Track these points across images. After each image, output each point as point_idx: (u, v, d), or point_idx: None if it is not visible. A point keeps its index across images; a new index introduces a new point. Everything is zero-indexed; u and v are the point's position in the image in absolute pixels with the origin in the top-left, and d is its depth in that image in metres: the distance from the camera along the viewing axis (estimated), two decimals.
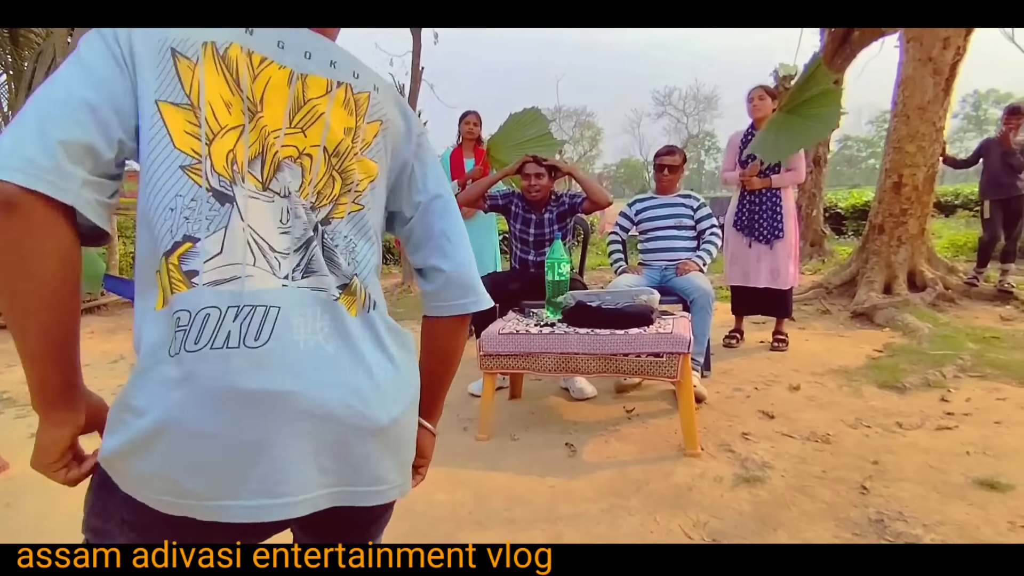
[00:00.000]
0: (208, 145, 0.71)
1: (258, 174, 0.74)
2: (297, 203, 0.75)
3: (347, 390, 0.74)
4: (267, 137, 0.74)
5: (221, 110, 0.72)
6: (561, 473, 2.32)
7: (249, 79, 0.73)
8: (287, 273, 0.73)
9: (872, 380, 3.28)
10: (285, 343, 0.70)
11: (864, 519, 1.91)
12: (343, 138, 0.80)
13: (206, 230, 0.70)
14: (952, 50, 4.85)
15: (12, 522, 2.14)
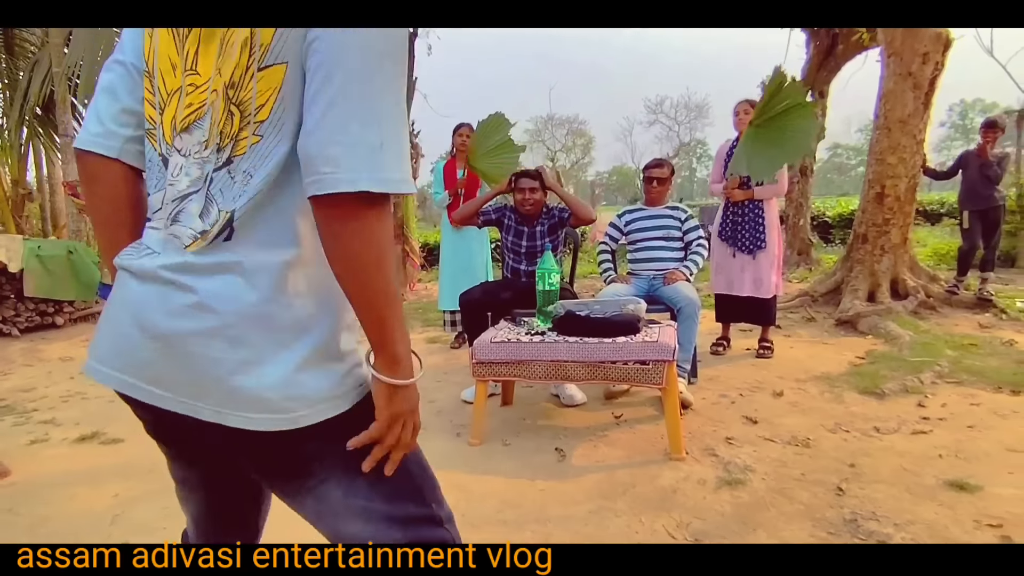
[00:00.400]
0: (161, 112, 0.81)
1: (176, 130, 0.81)
2: (190, 159, 0.79)
3: (160, 317, 0.78)
4: (193, 94, 0.78)
5: (168, 75, 0.80)
6: (551, 476, 2.40)
7: (186, 32, 0.78)
8: (169, 212, 0.80)
9: (853, 386, 3.38)
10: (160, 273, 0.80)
11: (839, 519, 2.01)
12: (239, 58, 0.74)
13: (154, 188, 0.84)
14: (931, 65, 5.00)
15: (15, 527, 2.19)
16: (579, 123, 55.26)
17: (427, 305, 6.84)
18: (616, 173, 68.56)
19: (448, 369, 4.05)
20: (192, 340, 0.75)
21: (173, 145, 0.80)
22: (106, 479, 2.58)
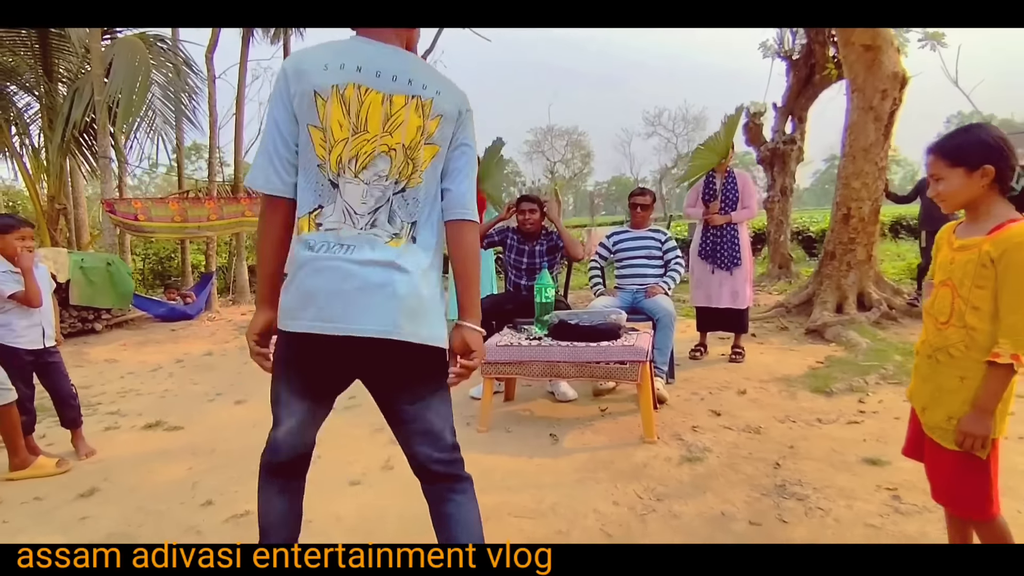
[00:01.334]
0: (328, 153, 1.36)
1: (353, 168, 1.36)
2: (372, 186, 1.37)
3: (384, 285, 1.37)
4: (363, 144, 1.35)
5: (336, 129, 1.35)
6: (546, 455, 2.94)
7: (356, 106, 1.34)
8: (363, 225, 1.38)
9: (807, 386, 3.92)
10: (350, 258, 1.36)
11: (771, 485, 2.54)
12: (414, 137, 1.38)
13: (327, 202, 1.37)
14: (890, 100, 5.57)
15: (113, 495, 2.72)
16: (578, 134, 56.02)
17: None
18: (615, 183, 69.27)
19: None
20: (407, 289, 1.38)
21: (343, 175, 1.36)
22: (177, 457, 3.12)
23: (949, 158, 1.64)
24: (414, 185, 1.41)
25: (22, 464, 2.85)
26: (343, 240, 1.36)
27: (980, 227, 1.64)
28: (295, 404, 1.48)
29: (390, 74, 1.37)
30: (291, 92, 1.34)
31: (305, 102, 1.34)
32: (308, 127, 1.35)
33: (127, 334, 6.78)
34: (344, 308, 1.34)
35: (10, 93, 7.73)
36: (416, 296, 1.38)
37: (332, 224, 1.37)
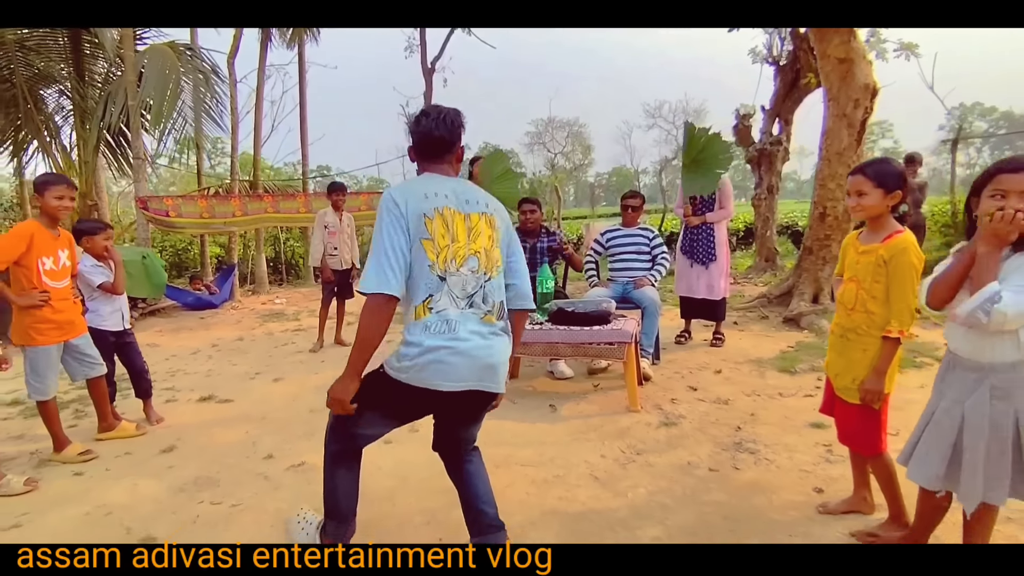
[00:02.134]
0: (436, 256, 1.86)
1: (455, 265, 1.83)
2: (469, 277, 1.85)
3: (485, 351, 1.84)
4: (459, 249, 1.85)
5: (440, 239, 1.84)
6: (546, 421, 3.50)
7: (451, 222, 1.85)
8: (463, 306, 1.84)
9: (775, 367, 4.48)
10: (460, 334, 1.81)
11: (731, 443, 3.10)
12: (489, 243, 1.91)
13: (437, 292, 1.82)
14: (861, 109, 6.08)
15: (186, 454, 3.29)
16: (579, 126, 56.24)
17: None
18: (616, 174, 69.55)
19: None
20: (504, 357, 1.91)
21: (447, 271, 1.82)
22: (233, 423, 3.68)
23: (875, 180, 2.16)
24: (493, 276, 1.92)
25: (109, 427, 3.41)
26: (450, 318, 1.82)
27: (877, 236, 2.19)
28: (385, 426, 2.04)
29: (464, 199, 1.91)
30: (403, 216, 1.80)
31: (416, 221, 1.81)
32: (421, 240, 1.81)
33: (161, 322, 7.35)
34: (470, 371, 1.84)
35: (43, 96, 8.25)
36: (503, 356, 1.91)
37: (441, 307, 1.82)
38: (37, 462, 3.12)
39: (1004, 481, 1.73)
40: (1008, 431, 1.71)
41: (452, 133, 1.94)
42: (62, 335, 3.09)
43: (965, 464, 1.75)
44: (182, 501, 2.66)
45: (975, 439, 1.74)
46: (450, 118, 1.94)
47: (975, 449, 1.73)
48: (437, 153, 1.95)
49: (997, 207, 1.63)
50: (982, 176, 1.71)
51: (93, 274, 3.39)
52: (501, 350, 1.90)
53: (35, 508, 2.60)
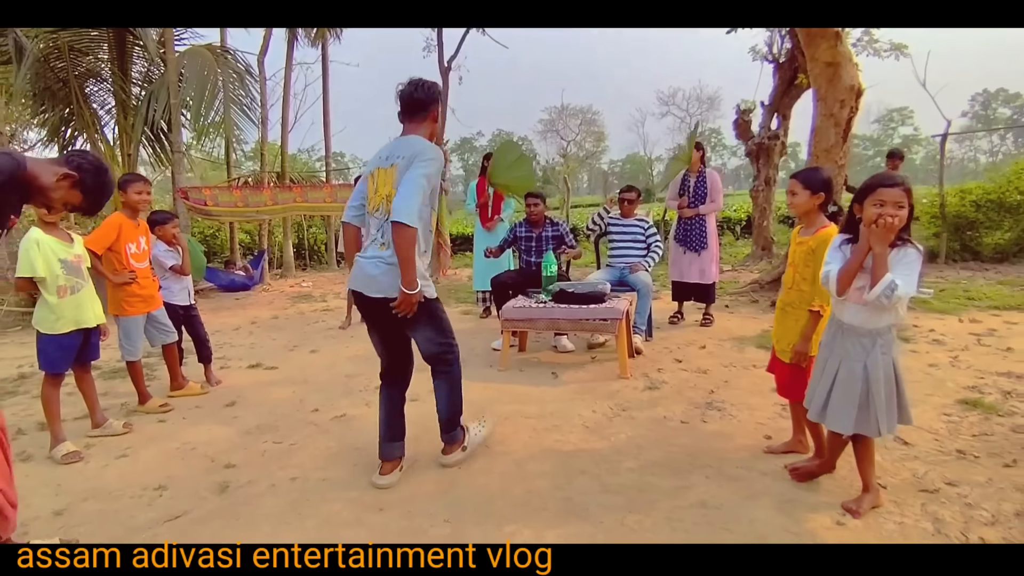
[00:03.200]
0: (368, 205, 2.67)
1: (375, 211, 2.62)
2: (380, 218, 2.58)
3: (369, 267, 2.56)
4: (376, 197, 2.61)
5: (370, 193, 2.68)
6: (548, 385, 4.09)
7: (376, 177, 2.62)
8: (373, 238, 2.63)
9: (754, 344, 5.02)
10: (366, 255, 2.62)
11: (703, 402, 3.67)
12: (391, 190, 2.50)
13: (368, 228, 2.70)
14: (847, 109, 6.55)
15: (247, 406, 3.92)
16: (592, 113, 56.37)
17: (458, 286, 8.54)
18: (629, 161, 69.64)
19: (480, 331, 5.76)
20: (380, 271, 2.55)
21: (371, 215, 2.65)
22: (281, 385, 4.31)
23: (803, 183, 2.72)
24: (386, 217, 2.53)
25: (180, 386, 4.06)
26: (367, 247, 2.65)
27: (810, 230, 2.74)
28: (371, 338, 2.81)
29: (386, 156, 2.59)
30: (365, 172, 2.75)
31: (366, 176, 2.74)
32: (363, 194, 2.75)
33: (201, 302, 7.97)
34: (360, 279, 2.60)
35: (90, 92, 8.91)
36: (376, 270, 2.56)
37: (368, 240, 2.69)
38: (126, 412, 3.77)
39: (893, 414, 2.30)
40: (892, 377, 2.28)
41: (427, 94, 2.61)
42: (146, 307, 3.73)
43: (877, 408, 2.30)
44: (250, 440, 3.29)
45: (878, 387, 2.29)
46: (426, 84, 2.63)
47: (879, 394, 2.29)
48: (414, 112, 2.61)
49: (878, 213, 2.18)
50: (865, 188, 2.26)
51: (165, 257, 4.02)
52: (380, 267, 2.53)
53: (135, 444, 3.25)
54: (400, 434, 2.79)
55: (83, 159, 2.10)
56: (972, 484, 2.51)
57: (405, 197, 2.39)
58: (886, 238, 2.18)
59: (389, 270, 2.51)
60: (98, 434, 3.33)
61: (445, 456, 2.89)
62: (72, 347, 3.12)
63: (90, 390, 3.34)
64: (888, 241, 2.19)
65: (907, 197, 2.22)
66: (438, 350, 2.76)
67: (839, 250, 2.38)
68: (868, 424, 2.29)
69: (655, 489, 2.58)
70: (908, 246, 2.23)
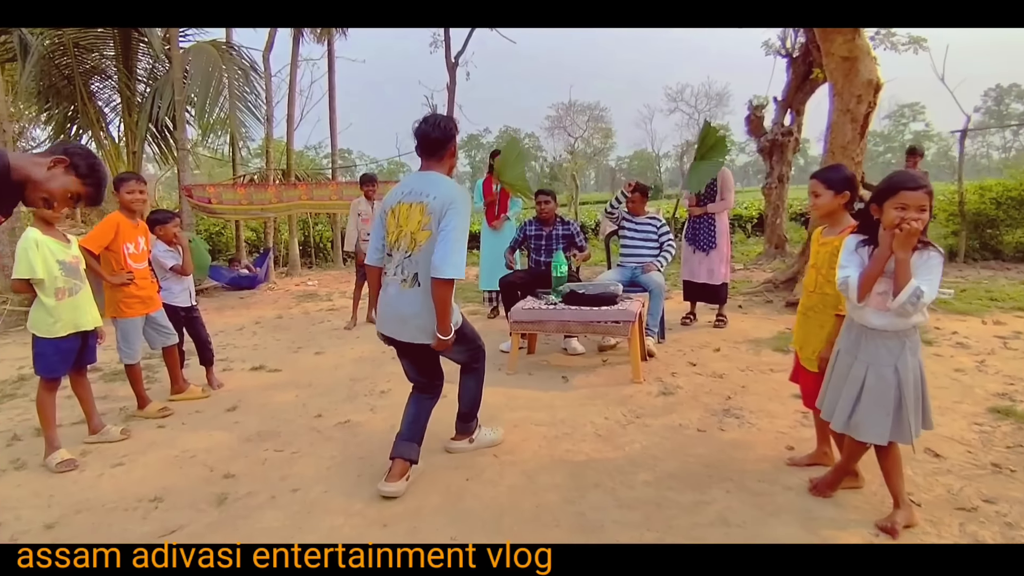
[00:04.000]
0: (388, 239, 2.61)
1: (395, 245, 2.60)
2: (402, 253, 2.56)
3: (397, 308, 2.57)
4: (398, 232, 2.58)
5: (391, 227, 2.64)
6: (558, 389, 3.97)
7: (397, 213, 2.59)
8: (395, 273, 2.60)
9: (770, 346, 4.88)
10: (389, 293, 2.61)
11: (720, 409, 3.53)
12: (417, 227, 2.50)
13: (389, 265, 2.65)
14: (864, 104, 6.37)
15: (249, 410, 3.81)
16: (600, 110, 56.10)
17: (464, 285, 8.41)
18: (637, 158, 69.33)
19: (487, 332, 5.61)
20: (411, 313, 2.54)
21: (392, 249, 2.62)
22: (284, 388, 4.21)
23: (825, 183, 2.58)
24: (416, 252, 2.51)
25: (180, 390, 3.96)
26: (389, 281, 2.63)
27: (834, 230, 2.60)
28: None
29: (409, 191, 2.56)
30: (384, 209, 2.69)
31: (383, 213, 2.71)
32: (385, 223, 2.72)
33: (205, 301, 7.94)
34: (389, 321, 2.62)
35: (95, 90, 8.84)
36: (409, 311, 2.53)
37: (389, 274, 2.65)
38: (125, 417, 3.67)
39: (919, 418, 2.17)
40: (919, 379, 2.16)
41: (444, 134, 2.56)
42: (145, 308, 3.63)
43: (908, 412, 2.15)
44: (251, 448, 3.18)
45: (909, 390, 2.15)
46: (443, 123, 2.56)
47: (910, 398, 2.15)
48: (432, 151, 2.57)
49: (900, 218, 2.04)
50: (884, 189, 2.12)
51: (165, 258, 3.92)
52: (407, 309, 2.52)
53: (132, 451, 3.14)
54: (419, 437, 2.73)
55: (67, 145, 2.01)
56: (1011, 501, 2.36)
57: (448, 253, 2.40)
58: (909, 243, 2.06)
59: (419, 312, 2.51)
60: (95, 440, 3.23)
61: (453, 441, 3.03)
62: (70, 351, 3.02)
63: (87, 395, 3.24)
64: (911, 246, 2.08)
65: (929, 200, 2.11)
66: (468, 357, 2.86)
67: (855, 253, 2.26)
68: (902, 431, 2.16)
69: (673, 504, 2.45)
70: (930, 249, 2.12)
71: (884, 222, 2.12)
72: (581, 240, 5.22)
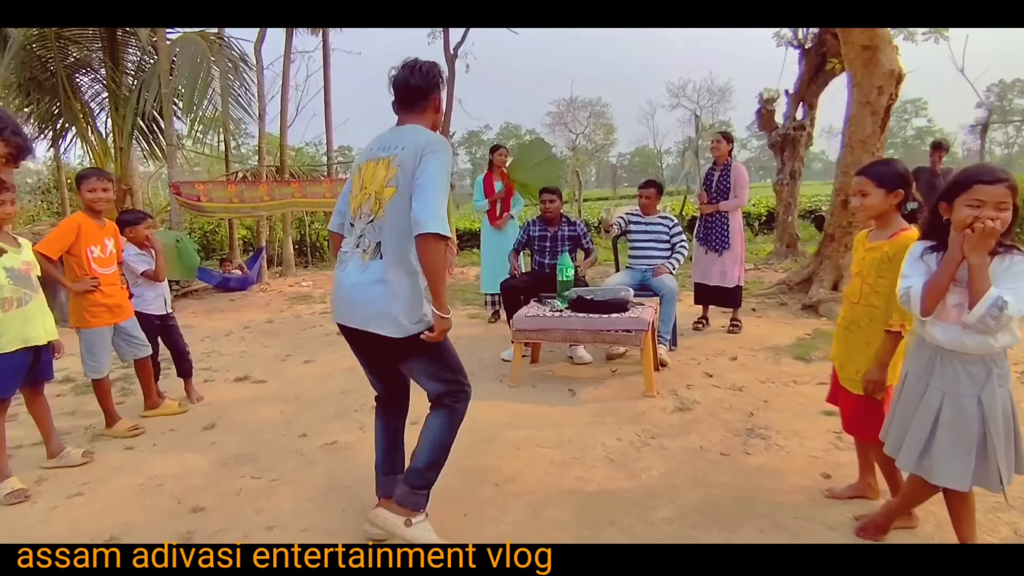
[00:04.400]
0: (352, 204, 2.17)
1: (357, 212, 2.09)
2: (364, 220, 2.05)
3: (352, 290, 2.04)
4: (361, 195, 2.08)
5: (356, 190, 2.14)
6: (564, 404, 3.65)
7: (363, 172, 2.10)
8: (356, 244, 2.08)
9: (791, 354, 4.56)
10: (346, 270, 2.09)
11: (743, 428, 3.22)
12: (381, 185, 2.00)
13: (348, 235, 2.15)
14: (886, 96, 6.03)
15: (229, 429, 3.50)
16: (601, 106, 55.67)
17: (464, 287, 8.10)
18: (638, 155, 68.86)
19: (488, 337, 5.32)
20: (369, 294, 2.00)
21: (354, 217, 2.11)
22: (269, 402, 3.89)
23: (876, 180, 2.25)
24: (380, 216, 2.02)
25: (154, 405, 3.64)
26: (347, 258, 2.12)
27: (884, 233, 2.27)
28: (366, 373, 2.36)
29: (381, 147, 2.07)
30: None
31: (353, 170, 2.26)
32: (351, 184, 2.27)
33: (194, 303, 7.63)
34: (343, 306, 2.11)
35: (80, 84, 8.51)
36: (367, 294, 2.01)
37: (344, 248, 2.17)
38: (91, 436, 3.36)
39: (1011, 460, 1.83)
40: (1010, 414, 1.82)
41: (426, 81, 2.09)
42: (113, 318, 3.31)
43: (996, 453, 1.79)
44: (226, 474, 2.87)
45: (997, 427, 1.79)
46: (425, 67, 2.09)
47: (998, 436, 1.79)
48: (411, 102, 2.11)
49: (973, 216, 1.72)
50: (956, 184, 1.79)
51: (136, 262, 3.60)
52: (364, 287, 2.00)
53: (94, 478, 2.83)
54: (401, 467, 2.30)
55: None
56: None
57: (428, 201, 1.90)
58: (985, 246, 1.73)
59: (382, 292, 1.99)
60: (53, 465, 2.92)
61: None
62: (19, 367, 2.71)
63: (44, 415, 2.93)
64: (987, 249, 1.74)
65: (1011, 196, 1.77)
66: (445, 388, 2.14)
67: (920, 261, 1.92)
68: (988, 475, 1.81)
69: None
70: (1014, 253, 1.77)
71: (954, 222, 1.80)
72: (588, 242, 4.91)
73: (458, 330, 5.80)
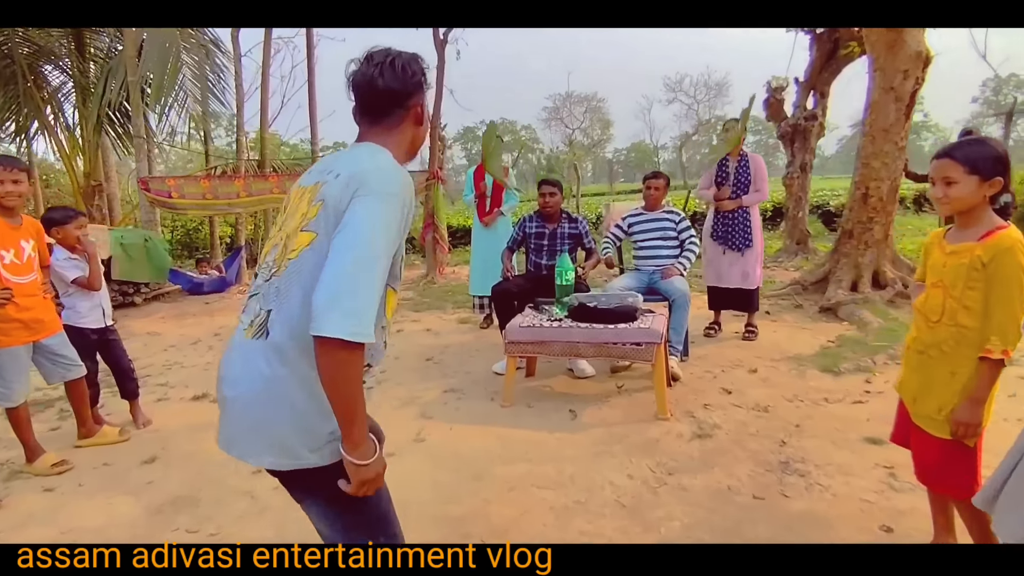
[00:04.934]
0: (264, 249, 1.35)
1: (263, 261, 1.29)
2: (264, 274, 1.26)
3: (222, 377, 1.26)
4: (277, 235, 1.30)
5: (273, 230, 1.34)
6: (565, 430, 3.16)
7: (287, 204, 1.32)
8: (243, 310, 1.29)
9: (816, 365, 4.08)
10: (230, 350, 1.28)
11: (775, 461, 2.73)
12: (297, 225, 1.22)
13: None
14: (911, 80, 5.55)
15: (171, 462, 3.01)
16: (598, 100, 55.17)
17: (456, 288, 7.59)
18: (634, 150, 68.40)
19: (479, 346, 4.82)
20: (241, 396, 1.22)
21: (259, 269, 1.32)
22: None
23: (967, 165, 1.75)
24: (280, 273, 1.22)
25: (89, 433, 3.14)
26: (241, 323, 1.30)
27: (971, 233, 1.78)
28: None
29: (317, 171, 1.32)
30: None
31: None
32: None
33: (165, 307, 7.11)
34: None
35: (44, 72, 7.96)
36: (243, 390, 1.22)
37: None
38: (8, 474, 2.86)
39: None
40: None
41: (399, 83, 1.30)
42: (31, 335, 2.80)
43: None
44: (157, 525, 2.38)
45: None
46: (399, 63, 1.31)
47: None
48: (377, 111, 1.32)
49: None
50: None
51: (66, 268, 3.09)
52: (237, 383, 1.23)
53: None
54: None
55: None
56: None
57: (338, 277, 1.09)
58: None
59: (258, 394, 1.21)
60: None
61: None
62: None
63: None
64: None
65: None
66: (361, 539, 1.31)
67: None
68: None
69: None
70: None
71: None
72: (590, 241, 4.41)
73: (447, 337, 5.31)
